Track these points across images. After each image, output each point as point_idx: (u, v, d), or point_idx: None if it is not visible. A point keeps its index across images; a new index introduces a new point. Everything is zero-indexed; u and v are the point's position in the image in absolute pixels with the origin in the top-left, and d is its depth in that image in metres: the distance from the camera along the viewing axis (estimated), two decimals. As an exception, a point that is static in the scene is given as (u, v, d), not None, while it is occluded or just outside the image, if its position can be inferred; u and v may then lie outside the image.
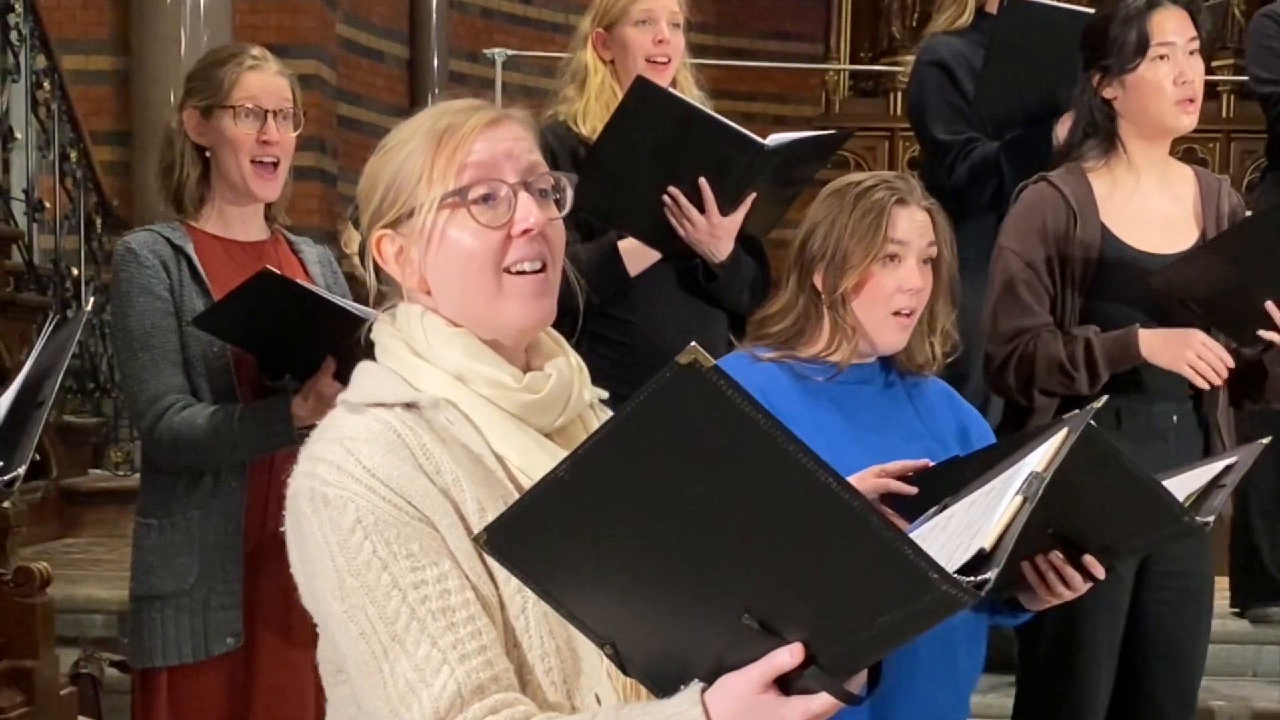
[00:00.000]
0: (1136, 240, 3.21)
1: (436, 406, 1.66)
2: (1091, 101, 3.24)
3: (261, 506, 3.00)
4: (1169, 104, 3.16)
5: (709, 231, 3.29)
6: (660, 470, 1.31)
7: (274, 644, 3.02)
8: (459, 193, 1.66)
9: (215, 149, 3.03)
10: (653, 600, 1.40)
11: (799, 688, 1.39)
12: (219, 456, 2.93)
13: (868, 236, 2.56)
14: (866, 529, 1.28)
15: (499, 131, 1.68)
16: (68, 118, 7.05)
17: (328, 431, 1.65)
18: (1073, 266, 3.19)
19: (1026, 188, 3.31)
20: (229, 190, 3.05)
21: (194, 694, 2.99)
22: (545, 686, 1.60)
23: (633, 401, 1.29)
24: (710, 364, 1.24)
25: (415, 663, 1.54)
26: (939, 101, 4.19)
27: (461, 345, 1.68)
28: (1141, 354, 3.11)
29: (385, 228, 1.70)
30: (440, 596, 1.55)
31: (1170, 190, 3.28)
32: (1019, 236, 3.22)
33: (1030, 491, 1.49)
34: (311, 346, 2.89)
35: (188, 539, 2.96)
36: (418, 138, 1.69)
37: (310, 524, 1.60)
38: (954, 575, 1.29)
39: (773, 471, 1.28)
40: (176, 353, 2.95)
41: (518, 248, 1.67)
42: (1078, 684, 3.22)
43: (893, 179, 2.64)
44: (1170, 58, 3.15)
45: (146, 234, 3.03)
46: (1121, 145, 3.23)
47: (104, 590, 4.79)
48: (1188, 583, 3.26)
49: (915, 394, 2.70)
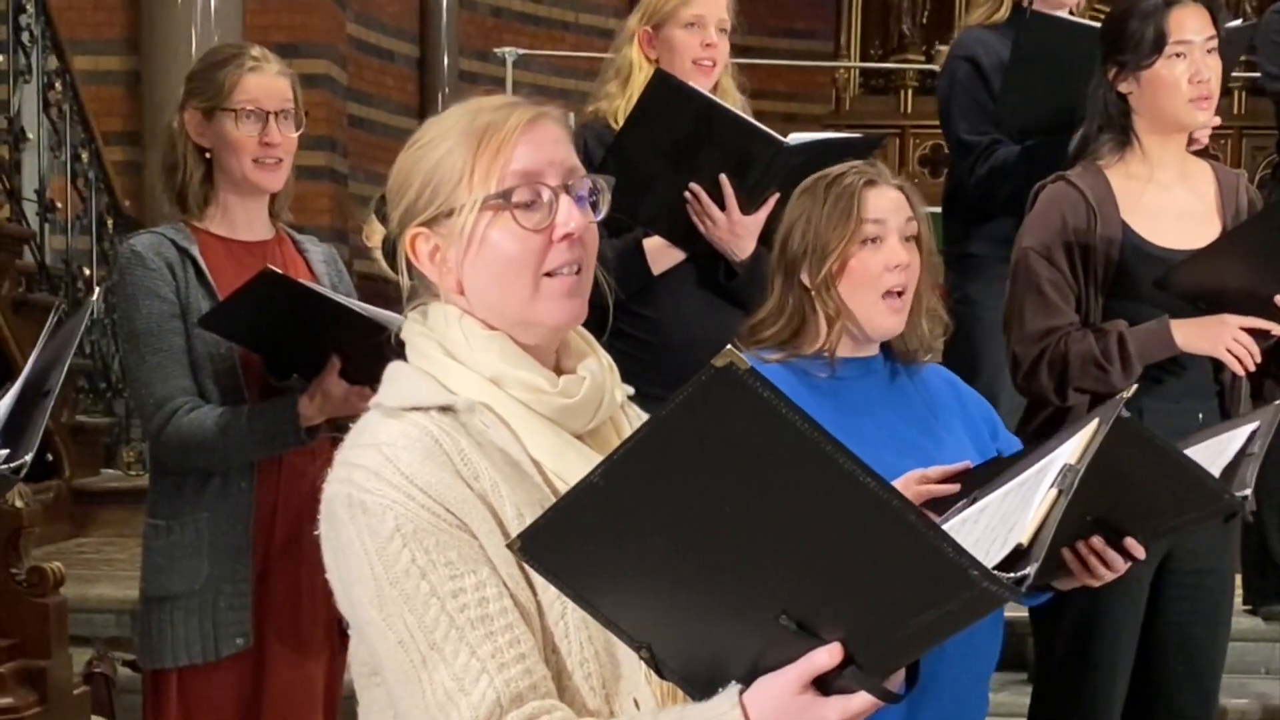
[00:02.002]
0: (1157, 236, 3.19)
1: (472, 410, 1.64)
2: (1106, 95, 3.22)
3: (271, 507, 2.99)
4: (1183, 101, 3.14)
5: (730, 229, 3.30)
6: (696, 473, 1.31)
7: (284, 645, 3.02)
8: (503, 195, 1.63)
9: (217, 150, 3.02)
10: (688, 603, 1.40)
11: (837, 687, 1.39)
12: (227, 458, 2.92)
13: (843, 220, 2.55)
14: (906, 527, 1.27)
15: (540, 133, 1.66)
16: (79, 118, 7.06)
17: (364, 436, 1.64)
18: (1095, 264, 3.17)
19: (1044, 187, 3.29)
20: (232, 187, 3.04)
21: (204, 695, 2.97)
22: (584, 691, 1.59)
23: (668, 405, 1.28)
24: (746, 366, 1.23)
25: (454, 672, 1.53)
26: (966, 99, 4.19)
27: (499, 349, 1.67)
28: (1177, 343, 3.09)
29: (420, 226, 1.68)
30: (478, 605, 1.54)
31: (1189, 185, 3.26)
32: (1040, 236, 3.21)
33: (1065, 485, 1.49)
34: (316, 345, 2.88)
35: (197, 540, 2.95)
36: (455, 135, 1.66)
37: (348, 530, 1.59)
38: (994, 572, 1.29)
39: (811, 472, 1.27)
40: (183, 354, 2.94)
41: (558, 252, 1.65)
42: (1095, 681, 3.21)
43: (860, 165, 2.63)
44: (1187, 55, 3.13)
45: (151, 236, 3.02)
46: (1136, 140, 3.21)
47: (116, 590, 4.80)
48: (1207, 580, 3.25)
49: (919, 384, 2.69)
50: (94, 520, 6.28)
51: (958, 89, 4.24)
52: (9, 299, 6.12)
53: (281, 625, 3.01)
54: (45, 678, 3.48)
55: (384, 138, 10.18)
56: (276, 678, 3.01)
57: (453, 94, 10.56)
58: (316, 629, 3.05)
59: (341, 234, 8.55)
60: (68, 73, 7.00)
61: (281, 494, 3.00)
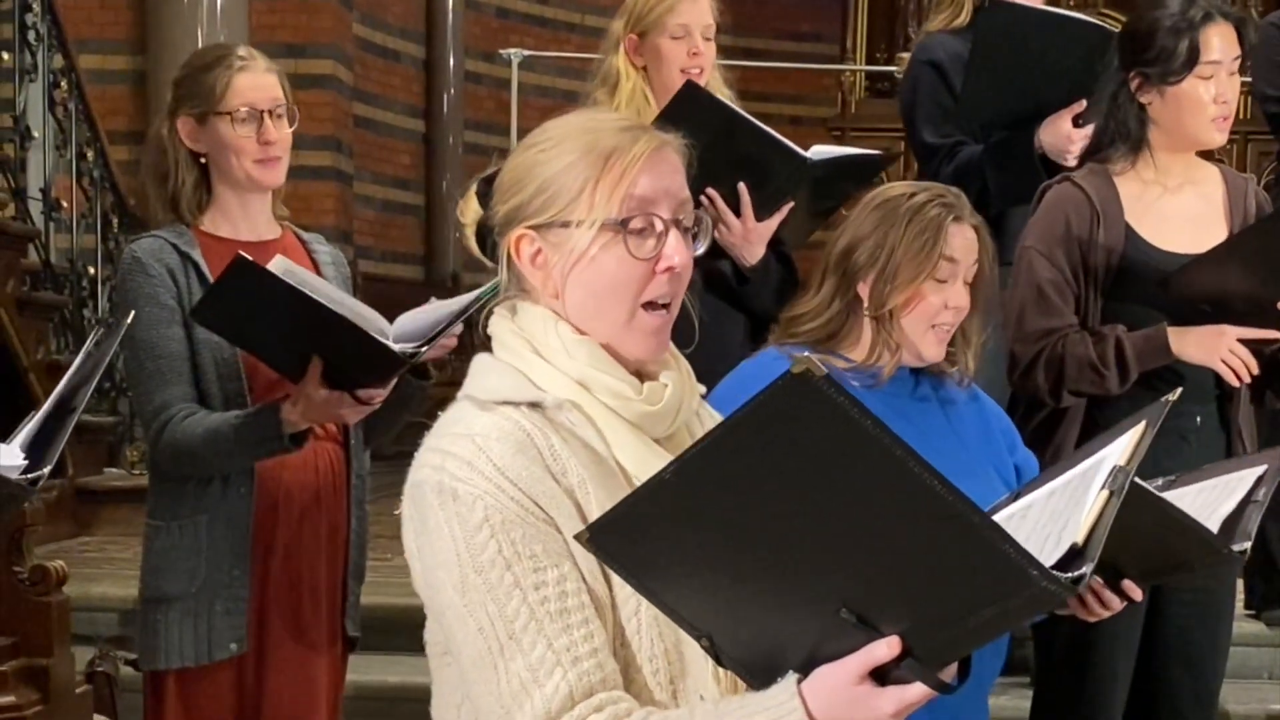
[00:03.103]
0: (1162, 241, 3.19)
1: (561, 408, 1.69)
2: (1126, 104, 3.20)
3: (272, 510, 2.99)
4: (1206, 120, 3.14)
5: (743, 235, 3.32)
6: (766, 473, 1.35)
7: (283, 648, 3.01)
8: (622, 223, 1.69)
9: (214, 154, 3.01)
10: (750, 596, 1.45)
11: (894, 678, 1.43)
12: (216, 465, 2.91)
13: (922, 254, 2.56)
14: (970, 528, 1.33)
15: (661, 165, 1.72)
16: (85, 117, 7.06)
17: (457, 426, 1.69)
18: (1096, 266, 3.17)
19: (1050, 188, 3.29)
20: (232, 188, 3.03)
21: (201, 696, 2.98)
22: (652, 686, 1.64)
23: (743, 408, 1.33)
24: (822, 373, 1.29)
25: (530, 663, 1.59)
26: (930, 103, 4.16)
27: (587, 354, 1.71)
28: (1173, 351, 3.10)
29: (528, 228, 1.72)
30: (559, 599, 1.60)
31: (1197, 189, 3.25)
32: (1043, 237, 3.21)
33: (1116, 485, 1.51)
34: (300, 345, 2.83)
35: (194, 543, 2.95)
36: (578, 150, 1.70)
37: (437, 516, 1.63)
38: (1052, 572, 1.34)
39: (880, 475, 1.32)
40: (183, 362, 2.93)
41: (658, 284, 1.71)
42: (1095, 687, 3.21)
43: (944, 193, 2.63)
44: (1215, 76, 3.12)
45: (152, 241, 3.00)
46: (1150, 151, 3.21)
47: (119, 589, 4.80)
48: (1209, 584, 3.24)
49: (945, 401, 2.70)
50: (97, 519, 6.29)
51: (921, 93, 4.20)
52: (13, 297, 6.11)
53: (281, 628, 3.01)
54: (47, 676, 3.48)
55: (389, 138, 10.20)
56: (276, 680, 3.01)
57: (458, 95, 10.58)
58: (318, 631, 3.05)
59: (346, 234, 8.55)
60: (73, 71, 7.01)
61: (283, 496, 2.99)
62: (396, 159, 10.27)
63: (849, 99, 10.30)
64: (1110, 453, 1.61)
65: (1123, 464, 1.56)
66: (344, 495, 3.08)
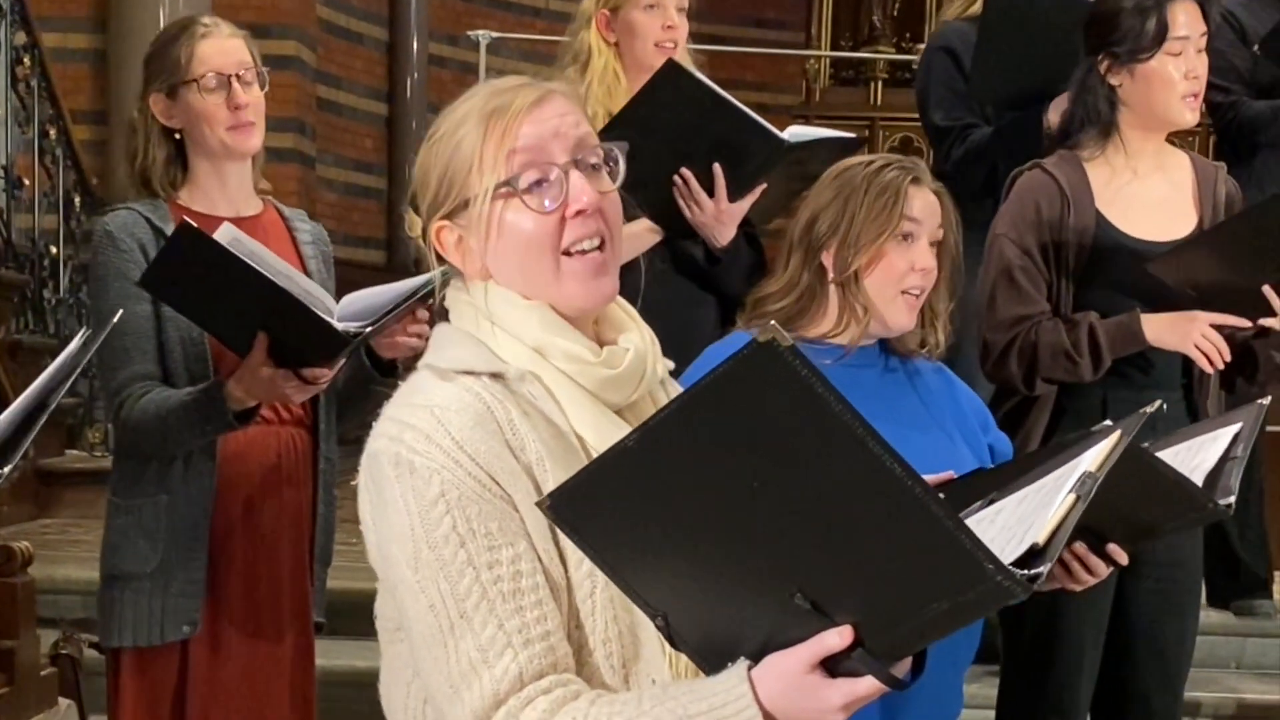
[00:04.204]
0: (1132, 227, 3.21)
1: (522, 379, 1.67)
2: (1096, 87, 3.22)
3: (232, 494, 2.96)
4: (1176, 98, 3.15)
5: (715, 216, 3.31)
6: (728, 446, 1.33)
7: (240, 632, 2.99)
8: (510, 182, 1.66)
9: (188, 128, 2.98)
10: (707, 575, 1.42)
11: (845, 670, 1.41)
12: (169, 443, 2.88)
13: (883, 214, 2.57)
14: (927, 516, 1.30)
15: (544, 110, 1.68)
16: (47, 95, 7.00)
17: (416, 396, 1.66)
18: (1067, 254, 3.18)
19: (1020, 174, 3.30)
20: (209, 160, 3.00)
21: (156, 677, 2.96)
22: (604, 669, 1.62)
23: (708, 376, 1.31)
24: (788, 343, 1.26)
25: (480, 643, 1.56)
26: (942, 87, 4.23)
27: (539, 318, 1.69)
28: (1146, 338, 3.11)
29: (443, 219, 1.71)
30: (512, 578, 1.58)
31: (1166, 176, 3.27)
32: (1014, 224, 3.22)
33: (1084, 490, 1.50)
34: (249, 318, 2.78)
35: (154, 522, 2.93)
36: (468, 124, 1.69)
37: (393, 488, 1.61)
38: (1009, 567, 1.31)
39: (840, 453, 1.30)
40: (149, 339, 2.91)
41: (573, 229, 1.67)
42: (1061, 675, 3.22)
43: (901, 159, 2.65)
44: (1184, 53, 3.14)
45: (126, 214, 2.97)
46: (1119, 135, 3.22)
47: (82, 571, 4.74)
48: (1175, 574, 3.26)
49: (914, 377, 2.71)
50: (58, 501, 6.25)
51: (933, 79, 4.28)
52: (-27, 277, 6.07)
53: (238, 611, 2.98)
54: (12, 658, 3.46)
55: (352, 121, 10.14)
56: (234, 662, 2.98)
57: (422, 79, 10.52)
58: (278, 616, 3.02)
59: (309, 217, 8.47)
60: (36, 48, 6.94)
61: (245, 478, 2.97)
62: (359, 142, 10.21)
63: (814, 87, 10.28)
64: (1083, 460, 1.60)
65: (1093, 470, 1.54)
66: (309, 479, 3.05)
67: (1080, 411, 3.21)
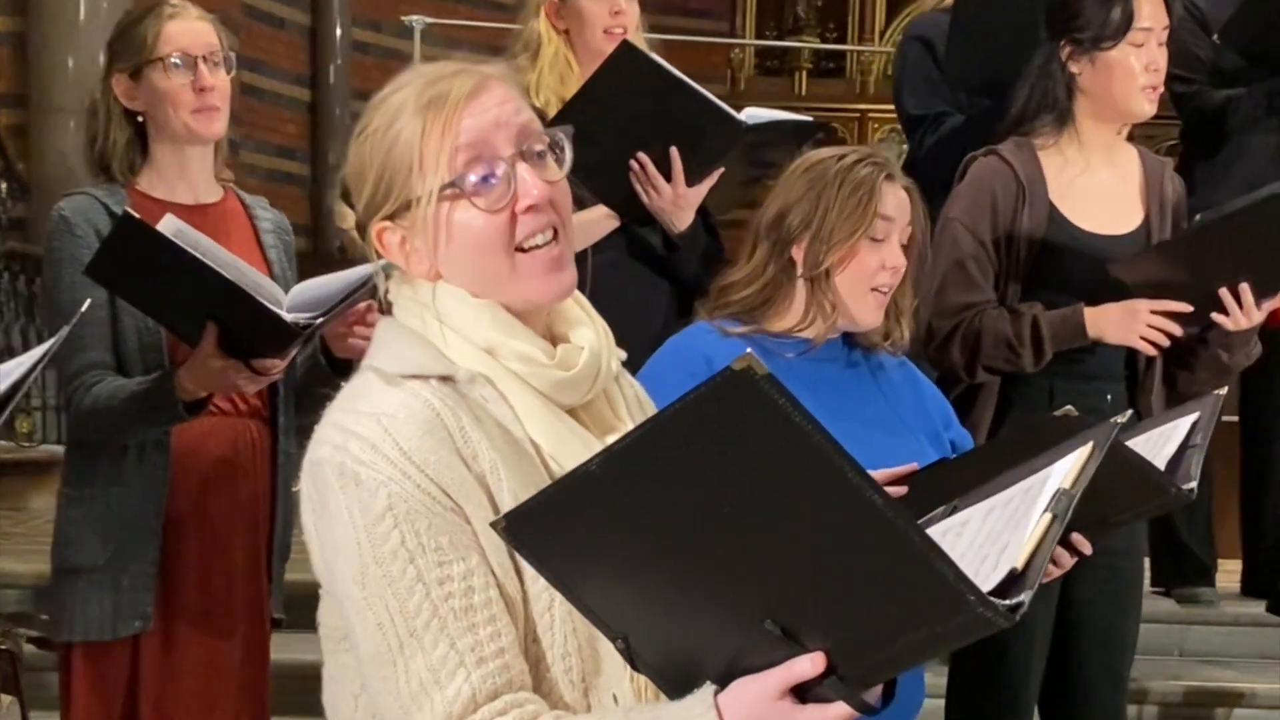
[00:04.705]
0: (1083, 220, 3.21)
1: (473, 382, 1.60)
2: (1055, 73, 3.22)
3: (186, 486, 2.91)
4: (1136, 89, 3.15)
5: (673, 201, 3.27)
6: (698, 472, 1.29)
7: (194, 625, 2.93)
8: (455, 183, 1.59)
9: (151, 109, 2.91)
10: (672, 599, 1.37)
11: (815, 696, 1.37)
12: (119, 433, 2.83)
13: (858, 211, 2.55)
14: (908, 546, 1.26)
15: (483, 100, 1.61)
16: (-32, 78, 6.88)
17: (361, 402, 1.58)
18: (1019, 243, 3.18)
19: (975, 159, 3.30)
20: (170, 145, 2.94)
21: (107, 672, 2.91)
22: (562, 685, 1.56)
23: (678, 402, 1.26)
24: (765, 371, 1.22)
25: (430, 663, 1.50)
26: (916, 76, 4.25)
27: (490, 317, 1.62)
28: (1089, 332, 3.12)
29: (384, 219, 1.63)
30: (464, 594, 1.51)
31: (1116, 169, 3.28)
32: (969, 211, 3.21)
33: (1059, 509, 1.45)
34: (198, 309, 2.72)
35: (105, 514, 2.88)
36: (400, 122, 1.60)
37: (338, 500, 1.54)
38: (990, 599, 1.27)
39: (818, 482, 1.26)
40: (103, 326, 2.85)
41: (525, 224, 1.60)
42: (1010, 665, 3.22)
43: (873, 153, 2.63)
44: (1146, 44, 3.14)
45: (83, 199, 2.90)
46: (1074, 123, 3.22)
47: (17, 564, 4.68)
48: (1119, 562, 3.27)
49: (878, 371, 2.70)
50: (-12, 493, 6.15)
51: (908, 68, 4.31)
52: (-104, 263, 5.95)
53: (192, 606, 2.93)
54: (-50, 654, 3.39)
55: (275, 106, 10.02)
56: (187, 657, 2.93)
57: (345, 64, 10.43)
58: (233, 611, 2.97)
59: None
60: (-44, 30, 6.82)
61: (199, 471, 2.92)
62: (283, 128, 10.10)
63: (738, 76, 10.31)
64: (1054, 473, 1.56)
65: (1067, 487, 1.50)
66: (267, 472, 3.00)
67: (1027, 401, 3.23)
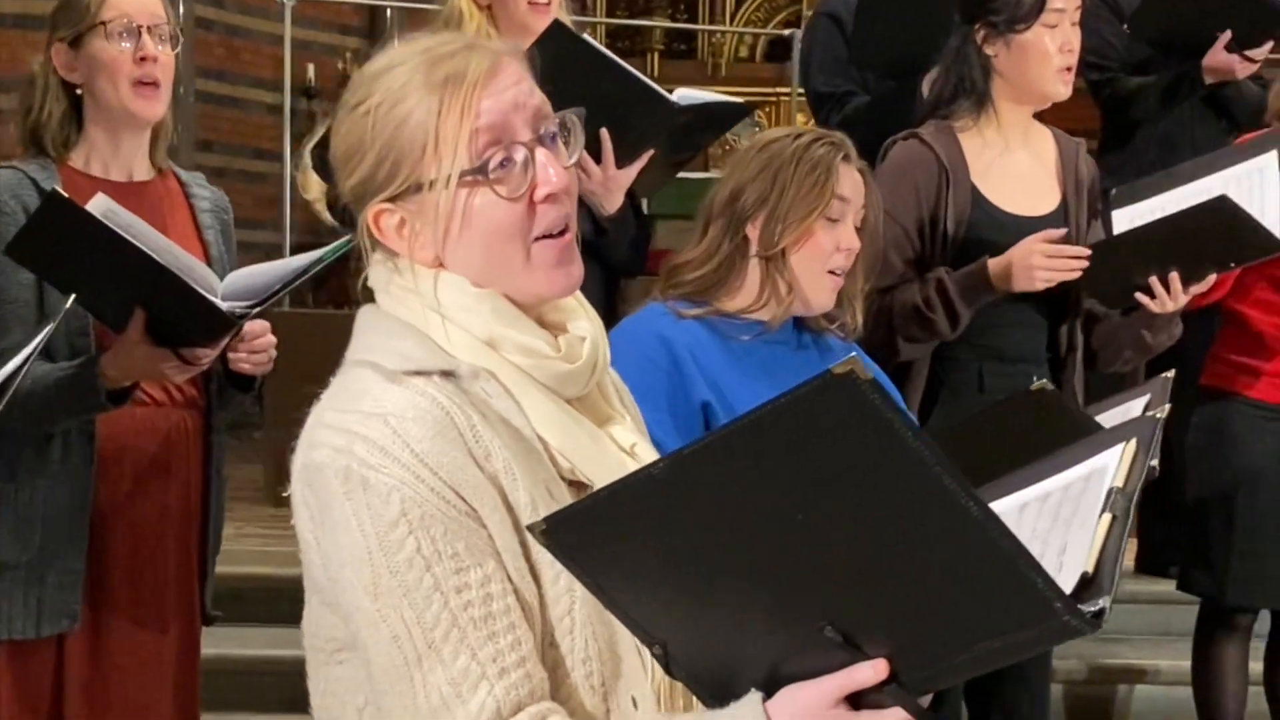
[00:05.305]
0: (1004, 201, 3.25)
1: (476, 377, 1.51)
2: (971, 57, 3.24)
3: (113, 479, 2.81)
4: (1051, 70, 3.19)
5: (603, 183, 3.21)
6: (776, 478, 1.23)
7: (122, 622, 2.84)
8: (480, 170, 1.50)
9: (89, 80, 2.80)
10: (721, 604, 1.32)
11: (870, 702, 1.32)
12: (41, 421, 2.72)
13: (815, 191, 2.55)
14: (999, 554, 1.22)
15: (501, 80, 1.52)
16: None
17: (363, 402, 1.48)
18: (943, 228, 3.21)
19: (896, 144, 3.30)
20: (105, 122, 2.83)
21: (35, 671, 2.80)
22: (583, 690, 1.49)
23: (770, 406, 1.20)
24: (868, 377, 1.16)
25: (451, 675, 1.42)
26: (823, 53, 4.25)
27: (491, 308, 1.53)
28: (992, 280, 3.13)
29: (385, 201, 1.53)
30: (483, 602, 1.43)
31: (1032, 149, 3.32)
32: (890, 195, 3.21)
33: (1119, 509, 1.42)
34: (126, 294, 2.63)
35: (30, 509, 2.77)
36: (409, 99, 1.51)
37: (343, 507, 1.44)
38: (1076, 606, 1.23)
39: (911, 488, 1.21)
40: (29, 309, 2.74)
41: (544, 215, 1.52)
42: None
43: (829, 134, 2.63)
44: (1059, 26, 3.18)
45: (11, 174, 2.79)
46: (993, 105, 3.25)
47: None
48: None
49: (826, 354, 2.70)
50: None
51: (816, 44, 4.32)
52: None
53: (118, 603, 2.83)
54: None
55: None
56: (116, 655, 2.83)
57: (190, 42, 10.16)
58: (163, 604, 2.86)
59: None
60: None
61: (128, 463, 2.81)
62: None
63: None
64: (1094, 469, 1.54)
65: (1120, 486, 1.47)
66: (198, 465, 2.90)
67: (957, 385, 3.26)
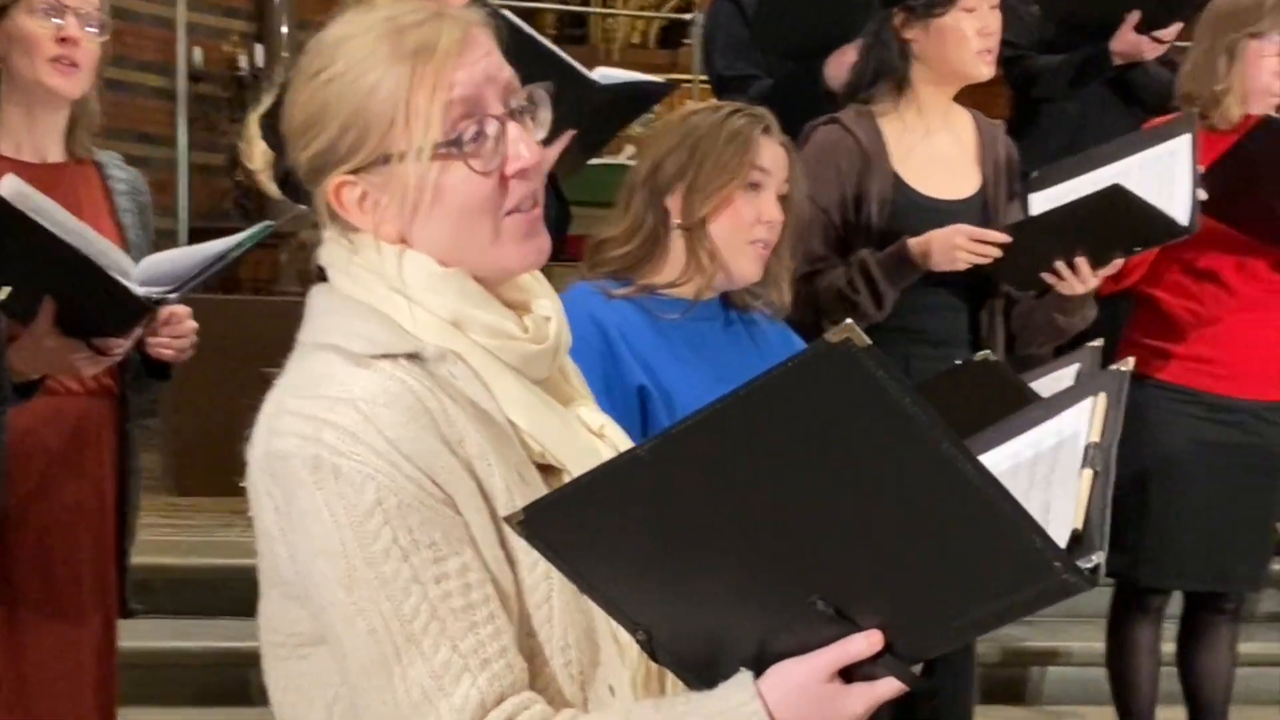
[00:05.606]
0: (925, 185, 3.26)
1: (443, 359, 1.46)
2: (890, 41, 3.25)
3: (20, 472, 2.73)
4: (970, 53, 3.21)
5: None
6: (770, 451, 1.19)
7: (36, 619, 2.78)
8: (453, 143, 1.45)
9: (6, 55, 2.73)
10: (708, 585, 1.29)
11: (862, 674, 1.29)
12: None
13: (734, 160, 2.54)
14: (999, 516, 1.19)
15: (473, 51, 1.47)
16: None
17: (330, 387, 1.42)
18: (865, 212, 3.22)
19: (816, 128, 3.31)
20: (21, 99, 2.76)
21: None
22: (561, 679, 1.45)
23: (764, 378, 1.16)
24: (865, 343, 1.12)
25: (433, 668, 1.38)
26: (725, 36, 4.25)
27: (457, 288, 1.48)
28: (915, 260, 3.14)
29: (347, 173, 1.47)
30: (462, 592, 1.39)
31: (952, 133, 3.33)
32: (812, 180, 3.20)
33: (1099, 464, 1.41)
34: (35, 281, 2.54)
35: None
36: (376, 67, 1.45)
37: (313, 497, 1.39)
38: (1074, 564, 1.21)
39: (908, 456, 1.18)
40: None
41: (515, 190, 1.48)
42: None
43: (750, 108, 2.62)
44: (977, 10, 3.19)
45: None
46: (912, 89, 3.26)
47: None
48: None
49: (754, 332, 2.69)
50: None
51: (718, 27, 4.32)
52: None
53: (33, 596, 2.76)
54: None
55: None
56: (33, 646, 2.77)
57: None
58: (78, 598, 2.81)
59: None
60: None
61: (36, 455, 2.75)
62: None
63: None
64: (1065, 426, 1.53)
65: (1097, 440, 1.46)
66: (113, 454, 2.84)
67: None
